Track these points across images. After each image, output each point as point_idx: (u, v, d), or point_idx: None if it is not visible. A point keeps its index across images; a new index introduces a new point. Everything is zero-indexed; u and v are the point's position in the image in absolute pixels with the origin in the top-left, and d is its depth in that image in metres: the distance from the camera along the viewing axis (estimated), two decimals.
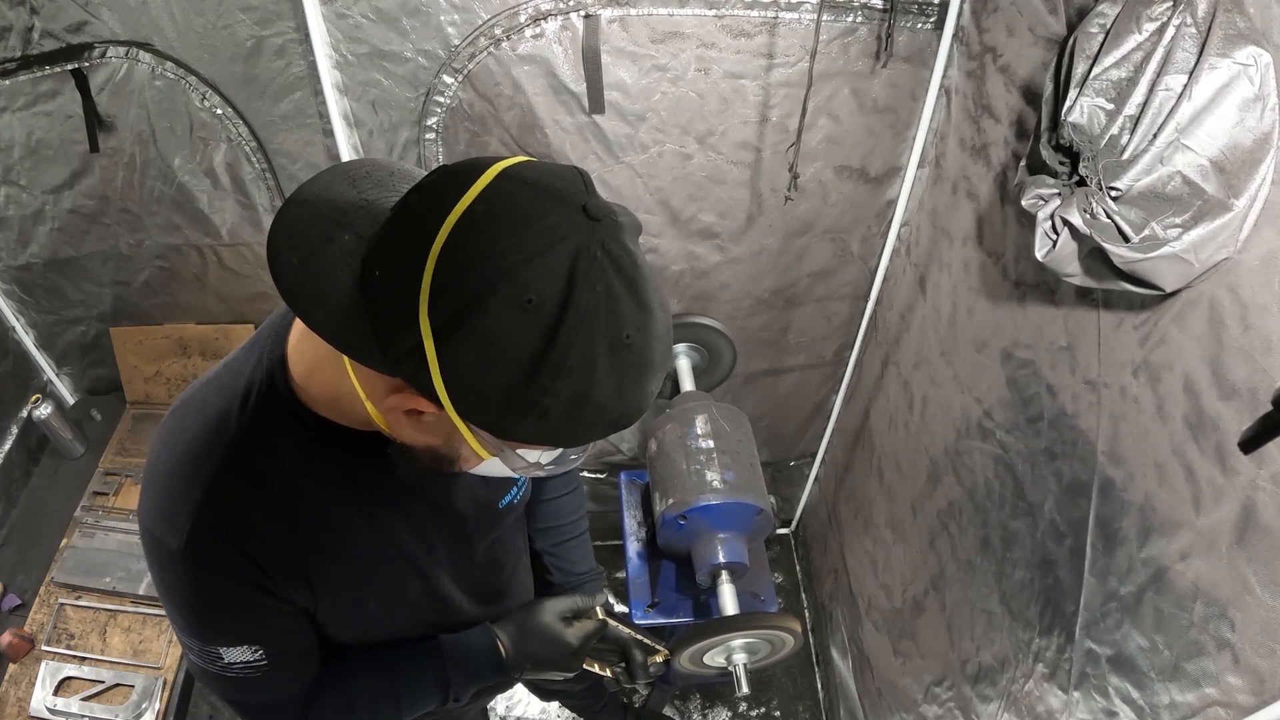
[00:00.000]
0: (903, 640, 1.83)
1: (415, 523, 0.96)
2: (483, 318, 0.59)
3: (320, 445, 0.82)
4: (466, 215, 0.60)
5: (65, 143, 1.76)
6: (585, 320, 0.60)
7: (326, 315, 0.66)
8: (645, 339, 0.64)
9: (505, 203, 0.61)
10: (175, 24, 1.54)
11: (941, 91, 1.55)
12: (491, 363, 0.61)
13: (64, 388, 2.35)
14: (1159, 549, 0.96)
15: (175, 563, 0.80)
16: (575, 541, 1.40)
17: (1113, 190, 0.88)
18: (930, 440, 1.64)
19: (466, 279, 0.59)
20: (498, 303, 0.59)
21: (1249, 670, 0.83)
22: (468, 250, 0.60)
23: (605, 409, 0.65)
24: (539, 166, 0.65)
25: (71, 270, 2.04)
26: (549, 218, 0.61)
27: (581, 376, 0.62)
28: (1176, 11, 0.85)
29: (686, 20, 1.47)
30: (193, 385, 0.88)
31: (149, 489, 0.83)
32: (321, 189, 0.71)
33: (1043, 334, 1.20)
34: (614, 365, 0.63)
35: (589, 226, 0.61)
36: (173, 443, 0.83)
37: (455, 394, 0.63)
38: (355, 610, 0.96)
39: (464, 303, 0.59)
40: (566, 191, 0.63)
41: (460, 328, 0.60)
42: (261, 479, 0.81)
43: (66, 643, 1.83)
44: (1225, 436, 0.85)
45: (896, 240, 1.83)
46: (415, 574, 0.99)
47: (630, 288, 0.63)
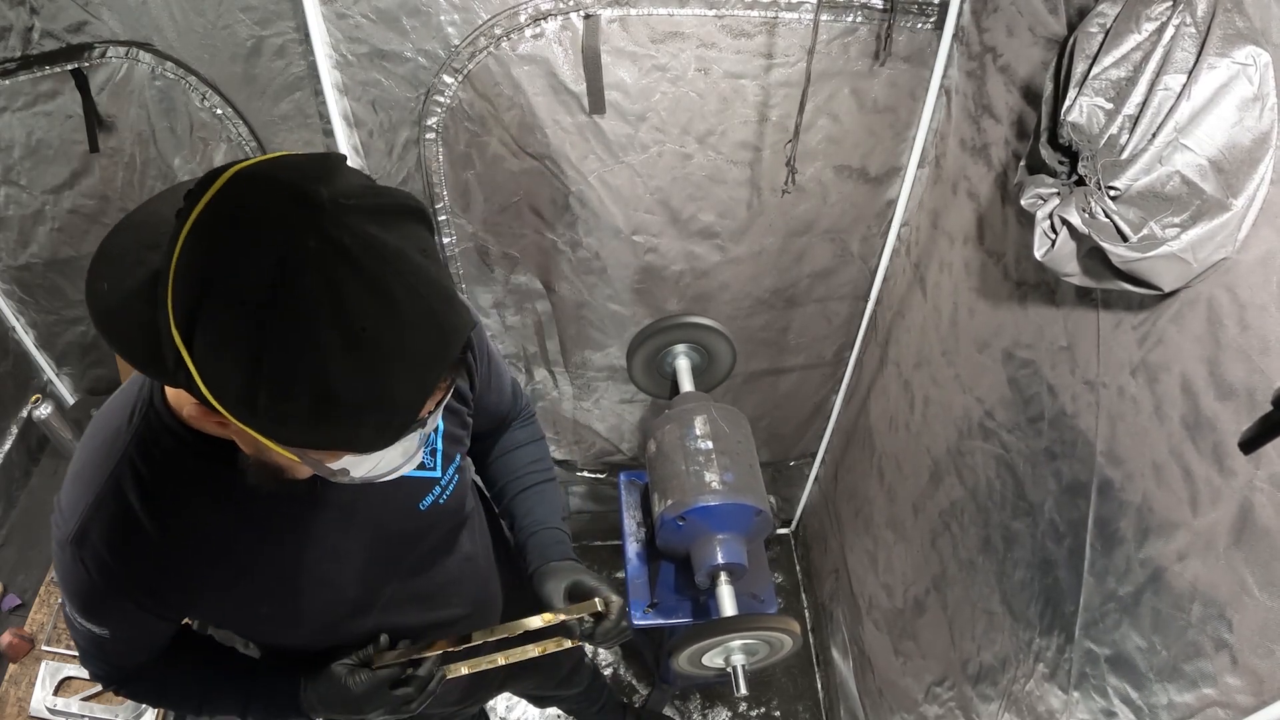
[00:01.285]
0: (904, 640, 1.82)
1: (312, 529, 0.95)
2: (207, 320, 0.59)
3: (201, 459, 0.84)
4: (196, 222, 0.60)
5: (65, 143, 1.76)
6: (298, 314, 0.59)
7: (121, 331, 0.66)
8: (388, 329, 0.61)
9: (227, 205, 0.61)
10: (175, 24, 1.54)
11: (941, 91, 1.55)
12: (228, 365, 0.60)
13: (64, 388, 2.35)
14: (1157, 549, 0.96)
15: (63, 551, 0.86)
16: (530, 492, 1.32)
17: (1111, 190, 0.88)
18: (932, 440, 1.63)
19: (193, 287, 0.59)
20: (215, 305, 0.59)
21: (1247, 671, 0.83)
22: (194, 256, 0.60)
23: (360, 407, 0.62)
24: (278, 161, 0.64)
25: (71, 270, 2.04)
26: (262, 211, 0.60)
27: (315, 373, 0.60)
28: (1176, 11, 0.85)
29: (686, 20, 1.47)
30: (115, 391, 0.92)
31: (68, 477, 0.89)
32: (146, 212, 0.71)
33: (1043, 334, 1.20)
34: (353, 359, 0.60)
35: (304, 215, 0.59)
36: (85, 441, 0.89)
37: (219, 400, 0.62)
38: (251, 616, 0.98)
39: (194, 310, 0.59)
40: (287, 182, 0.61)
41: (199, 335, 0.60)
42: (145, 491, 0.84)
43: (66, 643, 1.83)
44: (1223, 437, 0.85)
45: (896, 240, 1.83)
46: (314, 580, 0.98)
47: (363, 276, 0.60)
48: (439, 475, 1.05)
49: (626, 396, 2.27)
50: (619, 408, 2.31)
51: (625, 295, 1.95)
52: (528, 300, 2.00)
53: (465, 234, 1.84)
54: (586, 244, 1.82)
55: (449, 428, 1.06)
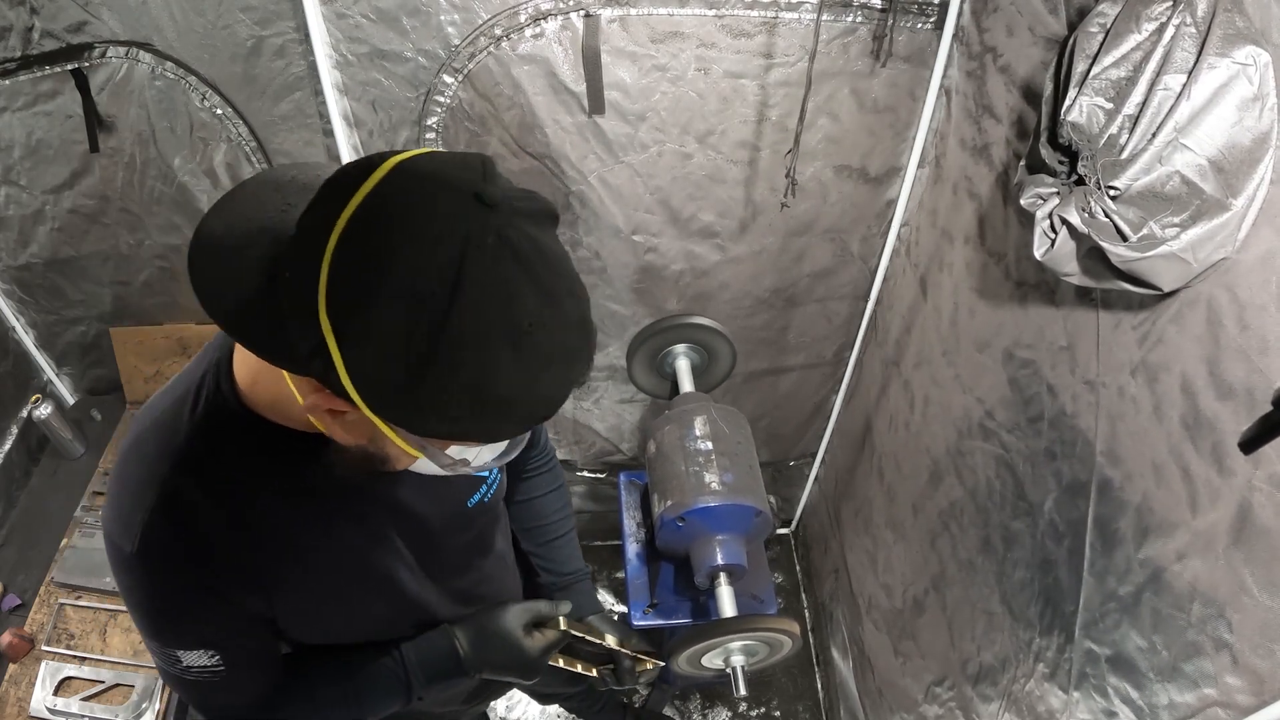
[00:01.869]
0: (903, 640, 1.82)
1: (374, 526, 0.95)
2: (374, 312, 0.59)
3: (268, 450, 0.83)
4: (358, 211, 0.60)
5: (65, 143, 1.76)
6: (476, 312, 0.59)
7: (242, 321, 0.66)
8: (551, 329, 0.63)
9: (395, 196, 0.61)
10: (175, 24, 1.55)
11: (941, 91, 1.55)
12: (387, 358, 0.60)
13: (64, 388, 2.35)
14: (1156, 549, 0.96)
15: (130, 567, 0.81)
16: (561, 541, 1.39)
17: (1111, 189, 0.88)
18: (931, 440, 1.63)
19: (358, 274, 0.59)
20: (387, 296, 0.58)
21: (1247, 670, 0.83)
22: (359, 246, 0.59)
23: (513, 403, 0.64)
24: (436, 157, 0.64)
25: (71, 270, 2.04)
26: (438, 207, 0.60)
27: (479, 370, 0.60)
28: (1176, 11, 0.85)
29: (686, 20, 1.47)
30: (152, 396, 0.89)
31: (109, 495, 0.84)
32: (243, 196, 0.71)
33: (1043, 334, 1.20)
34: (516, 358, 0.61)
35: (481, 214, 0.60)
36: (129, 450, 0.84)
37: (363, 391, 0.62)
38: (315, 616, 0.96)
39: (356, 298, 0.59)
40: (459, 179, 0.61)
41: (355, 324, 0.59)
42: (210, 485, 0.81)
43: (66, 643, 1.83)
44: (1222, 437, 0.85)
45: (896, 240, 1.83)
46: (378, 578, 0.98)
47: (530, 276, 0.61)
48: (486, 474, 1.06)
49: (626, 396, 2.27)
50: (619, 408, 2.31)
51: (625, 295, 1.95)
52: None
53: None
54: (586, 244, 1.82)
55: None
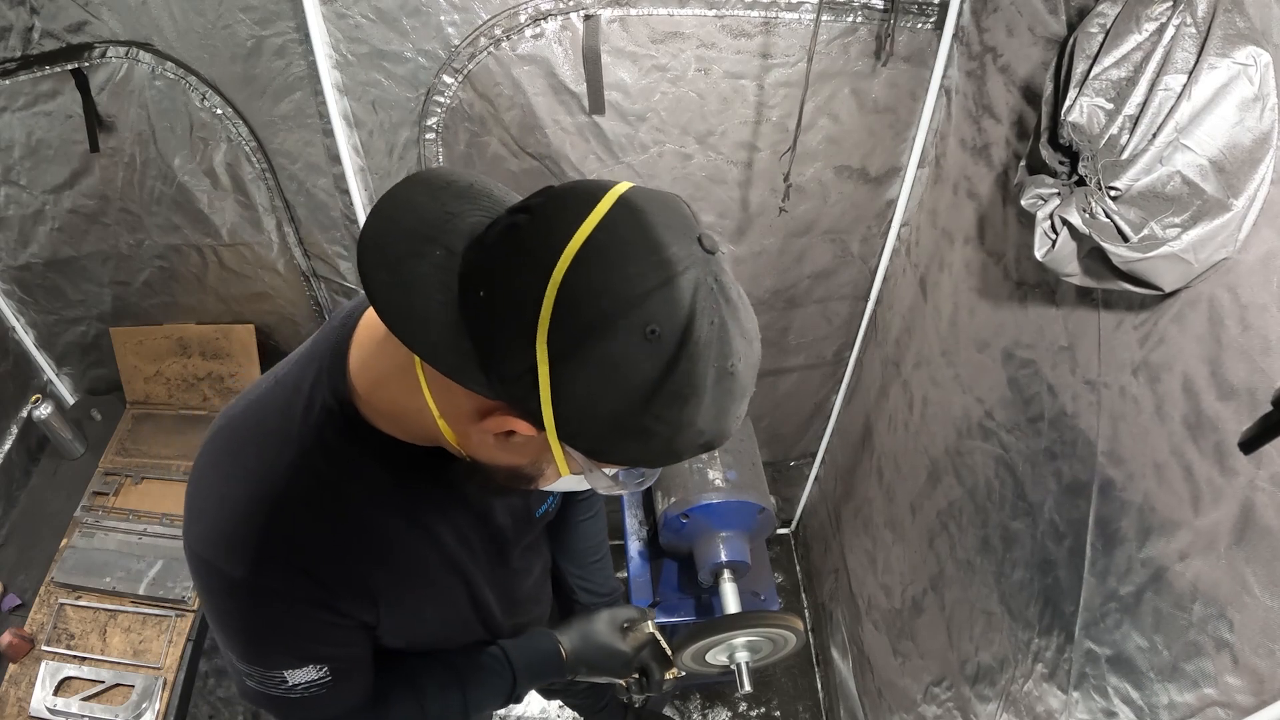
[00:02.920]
0: (902, 640, 1.83)
1: (461, 532, 0.95)
2: (604, 345, 0.59)
3: (383, 460, 0.81)
4: (590, 242, 0.60)
5: (65, 143, 1.76)
6: (700, 351, 0.61)
7: (426, 335, 0.64)
8: (746, 367, 0.66)
9: (627, 231, 0.61)
10: (175, 24, 1.54)
11: (941, 91, 1.55)
12: (607, 389, 0.61)
13: (64, 388, 2.35)
14: (1158, 549, 0.96)
15: (237, 591, 0.78)
16: (600, 563, 1.44)
17: (1112, 190, 0.88)
18: (930, 440, 1.64)
19: (591, 306, 0.59)
20: (621, 331, 0.59)
21: (1248, 670, 0.83)
22: (593, 278, 0.59)
23: (703, 433, 0.66)
24: (652, 195, 0.65)
25: (71, 270, 2.04)
26: (671, 248, 0.61)
27: (690, 404, 0.63)
28: (1176, 11, 0.85)
29: (686, 20, 1.47)
30: (238, 402, 0.85)
31: (202, 514, 0.80)
32: (402, 201, 0.69)
33: (1044, 334, 1.20)
34: (717, 393, 0.64)
35: (705, 258, 0.62)
36: (227, 464, 0.80)
37: (562, 417, 0.63)
38: (413, 621, 0.96)
39: (586, 329, 0.59)
40: (682, 223, 0.64)
41: (578, 354, 0.60)
42: (327, 498, 0.80)
43: (66, 643, 1.83)
44: (1224, 437, 0.85)
45: (896, 240, 1.83)
46: (462, 583, 0.99)
47: (735, 318, 0.64)
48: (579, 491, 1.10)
49: None
50: None
51: None
52: None
53: None
54: None
55: None
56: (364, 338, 0.80)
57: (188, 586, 1.88)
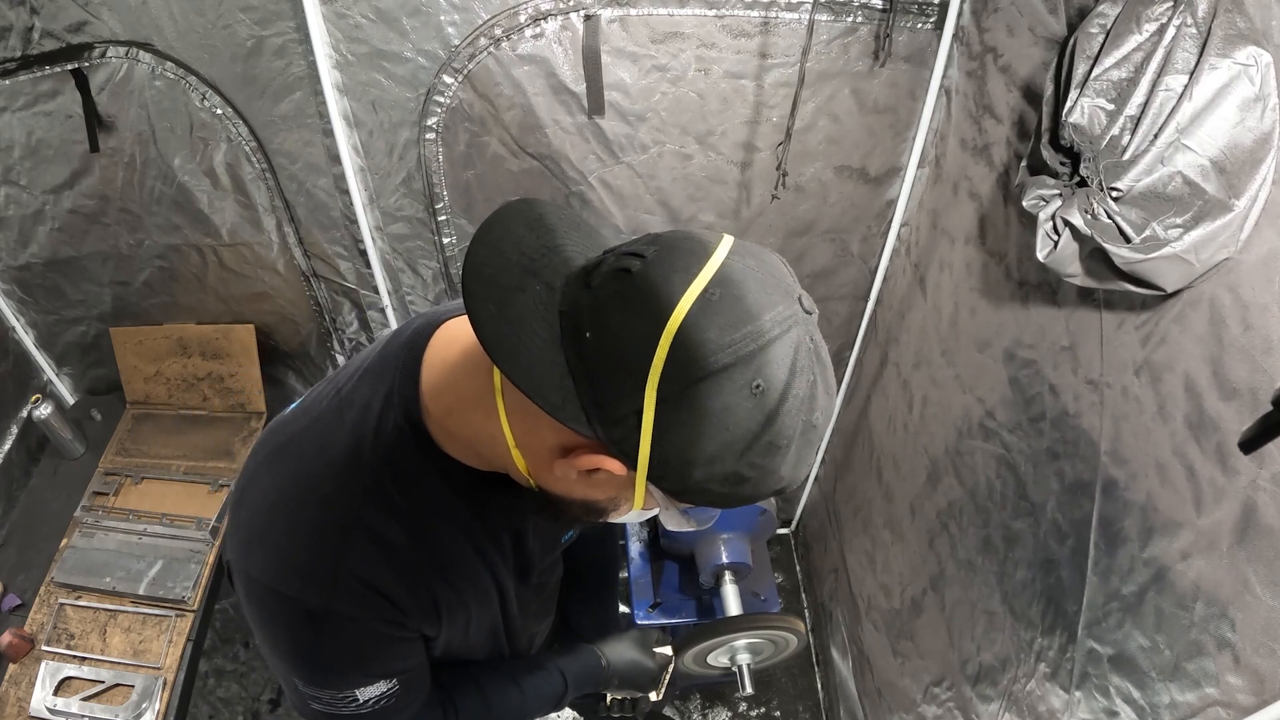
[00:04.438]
0: (901, 640, 1.83)
1: (504, 551, 0.96)
2: (712, 397, 0.61)
3: (453, 485, 0.82)
4: (704, 296, 0.62)
5: (65, 143, 1.76)
6: (796, 406, 0.63)
7: (530, 370, 0.64)
8: (826, 420, 0.68)
9: (739, 290, 0.63)
10: (175, 24, 1.54)
11: (942, 91, 1.55)
12: (708, 437, 0.62)
13: (64, 388, 2.35)
14: (1160, 549, 0.96)
15: (314, 619, 0.78)
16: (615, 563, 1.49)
17: (1113, 191, 0.88)
18: (930, 440, 1.64)
19: (703, 359, 0.60)
20: (730, 385, 0.61)
21: (1249, 670, 0.83)
22: (707, 331, 0.61)
23: (784, 479, 0.67)
24: (757, 252, 0.67)
25: (71, 270, 2.04)
26: (778, 308, 0.63)
27: (779, 455, 0.64)
28: (1177, 12, 0.85)
29: (686, 20, 1.47)
30: (298, 419, 0.85)
31: (267, 542, 0.79)
32: (502, 232, 0.69)
33: (1045, 334, 1.20)
34: (801, 444, 0.65)
35: (805, 318, 0.65)
36: (290, 488, 0.79)
37: (657, 461, 0.64)
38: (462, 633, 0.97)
39: (696, 380, 0.61)
40: (785, 282, 0.66)
41: (685, 402, 0.61)
42: (399, 521, 0.80)
43: (66, 643, 1.83)
44: (1226, 437, 0.85)
45: (896, 240, 1.83)
46: (499, 599, 0.99)
47: (824, 376, 0.66)
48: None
49: None
50: None
51: None
52: None
53: (465, 234, 1.83)
54: None
55: None
56: (438, 360, 0.80)
57: (188, 586, 1.88)
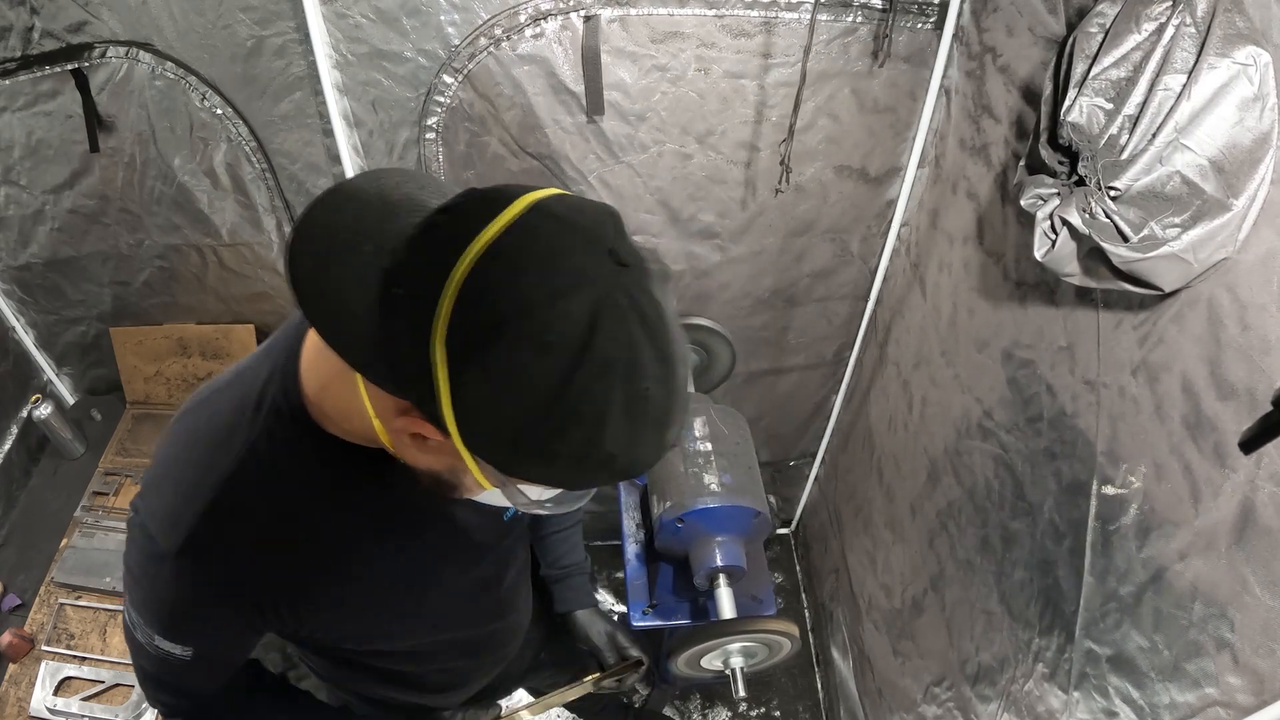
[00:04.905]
0: (902, 640, 1.82)
1: (428, 538, 0.95)
2: (498, 352, 0.58)
3: (330, 463, 0.81)
4: (493, 245, 0.59)
5: (65, 143, 1.76)
6: (604, 369, 0.59)
7: (341, 328, 0.64)
8: (664, 392, 0.62)
9: (532, 237, 0.60)
10: (175, 24, 1.54)
11: (941, 91, 1.55)
12: (502, 399, 0.59)
13: (64, 388, 2.35)
14: (1158, 549, 0.96)
15: (162, 564, 0.81)
16: (562, 535, 1.41)
17: (1112, 190, 0.88)
18: (930, 440, 1.64)
19: (485, 310, 0.58)
20: (515, 339, 0.57)
21: (1248, 670, 0.83)
22: (490, 281, 0.58)
23: (615, 458, 0.63)
24: (571, 202, 0.63)
25: (71, 270, 2.04)
26: (575, 258, 0.59)
27: (594, 425, 0.60)
28: (1176, 11, 0.85)
29: (686, 20, 1.47)
30: (205, 388, 0.87)
31: (154, 486, 0.83)
32: (347, 195, 0.69)
33: (1043, 334, 1.20)
34: (629, 417, 0.61)
35: (615, 273, 0.60)
36: (182, 445, 0.82)
37: (463, 424, 0.61)
38: (374, 628, 0.96)
39: (480, 334, 0.58)
40: (595, 232, 0.61)
41: (474, 359, 0.58)
42: (267, 494, 0.80)
43: (66, 643, 1.83)
44: (1223, 437, 0.85)
45: (896, 240, 1.83)
46: (417, 588, 0.98)
47: (653, 339, 0.61)
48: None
49: None
50: None
51: None
52: None
53: None
54: None
55: None
56: (315, 338, 0.80)
57: None
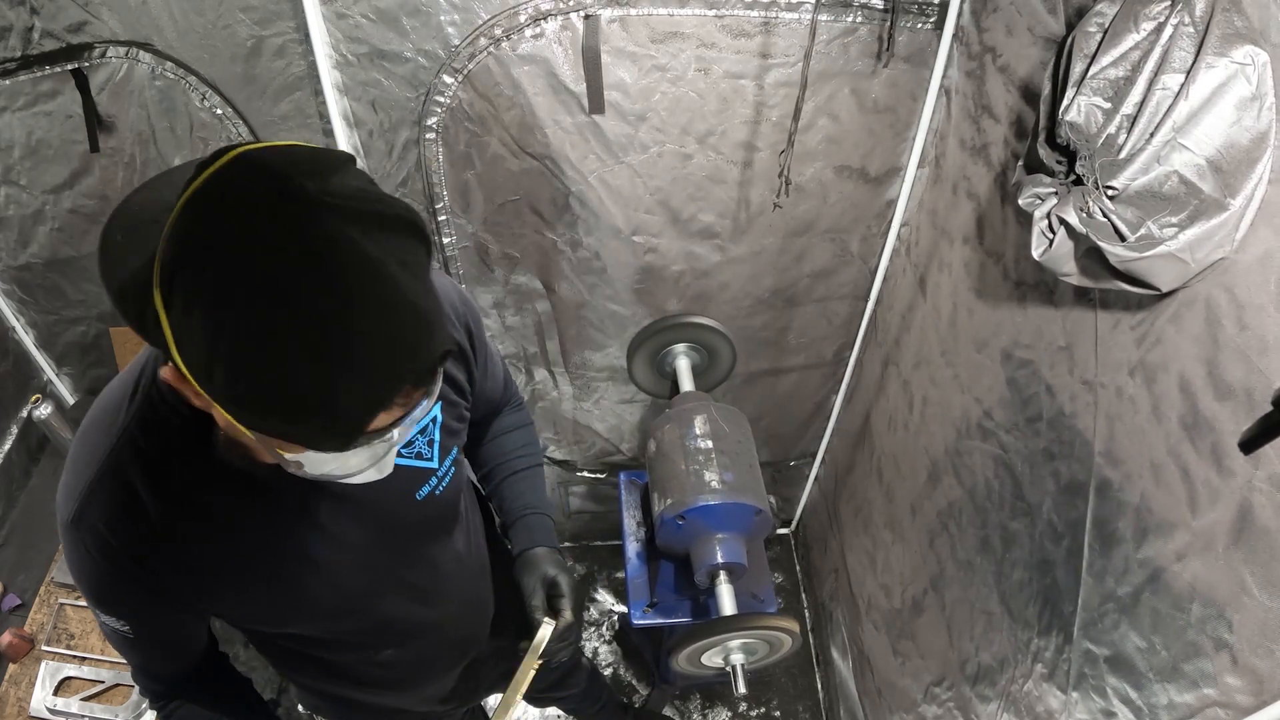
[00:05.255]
0: (902, 640, 1.82)
1: (318, 517, 0.96)
2: (180, 291, 0.61)
3: (202, 438, 0.84)
4: (193, 194, 0.62)
5: (65, 143, 1.76)
6: (259, 306, 0.60)
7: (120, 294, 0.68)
8: (340, 336, 0.62)
9: (220, 184, 0.62)
10: (175, 24, 1.55)
11: (941, 91, 1.55)
12: (193, 336, 0.62)
13: (64, 388, 2.35)
14: (1156, 549, 0.96)
15: (65, 534, 0.88)
16: (513, 479, 1.35)
17: (1109, 189, 0.88)
18: (930, 440, 1.64)
19: (174, 252, 0.61)
20: (188, 277, 0.60)
21: (1247, 671, 0.83)
22: (182, 225, 0.61)
23: (303, 405, 0.63)
24: (280, 150, 0.65)
25: (71, 270, 2.04)
26: (260, 202, 0.61)
27: (263, 365, 0.61)
28: (1174, 11, 0.85)
29: (686, 20, 1.47)
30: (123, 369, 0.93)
31: (65, 465, 0.90)
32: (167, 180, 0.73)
33: (1042, 334, 1.20)
34: (302, 360, 0.61)
35: (285, 209, 0.61)
36: (81, 429, 0.90)
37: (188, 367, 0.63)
38: (257, 603, 0.98)
39: (171, 275, 0.61)
40: (281, 173, 0.62)
41: (176, 304, 0.61)
42: (146, 470, 0.85)
43: (66, 643, 1.83)
44: (1221, 437, 0.85)
45: (896, 240, 1.83)
46: (321, 571, 0.99)
47: (324, 278, 0.61)
48: (436, 466, 1.07)
49: (626, 396, 2.27)
50: (619, 408, 2.31)
51: (625, 295, 1.95)
52: (528, 300, 2.00)
53: (465, 234, 1.84)
54: (586, 244, 1.82)
55: (446, 420, 1.07)
56: None
57: None
